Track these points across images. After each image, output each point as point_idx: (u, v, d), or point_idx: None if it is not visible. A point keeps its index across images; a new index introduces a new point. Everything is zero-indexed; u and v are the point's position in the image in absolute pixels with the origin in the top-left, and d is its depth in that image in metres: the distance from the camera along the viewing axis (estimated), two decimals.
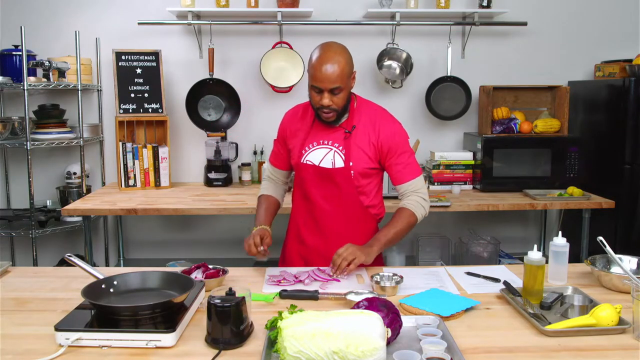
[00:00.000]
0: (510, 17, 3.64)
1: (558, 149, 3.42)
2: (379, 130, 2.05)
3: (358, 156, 2.02)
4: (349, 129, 2.04)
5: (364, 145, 2.03)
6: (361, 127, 2.05)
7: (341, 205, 2.07)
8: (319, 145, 2.06)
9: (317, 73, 1.91)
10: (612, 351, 1.37)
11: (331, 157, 2.03)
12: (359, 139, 2.04)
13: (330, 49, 1.96)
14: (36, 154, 3.64)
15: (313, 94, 1.97)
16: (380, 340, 1.25)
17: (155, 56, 3.51)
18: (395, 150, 2.05)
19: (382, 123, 2.07)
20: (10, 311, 1.63)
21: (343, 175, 2.02)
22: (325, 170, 2.03)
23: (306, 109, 2.16)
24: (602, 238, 1.64)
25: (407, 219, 2.05)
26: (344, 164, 2.02)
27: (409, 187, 2.07)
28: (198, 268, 1.88)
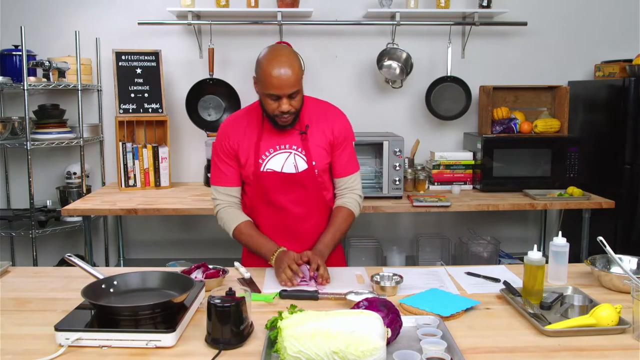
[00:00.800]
0: (510, 17, 3.64)
1: (558, 149, 3.42)
2: (332, 124, 2.05)
3: (317, 154, 2.01)
4: (302, 129, 2.00)
5: (321, 142, 2.02)
6: (314, 125, 2.03)
7: (309, 205, 2.06)
8: (276, 152, 1.99)
9: (274, 80, 1.83)
10: (612, 351, 1.37)
11: (292, 161, 1.99)
12: (315, 137, 2.02)
13: (281, 53, 1.88)
14: (36, 154, 3.64)
15: (269, 101, 1.89)
16: (380, 340, 1.25)
17: (155, 56, 3.51)
18: (343, 143, 2.07)
19: (334, 117, 2.07)
20: (10, 311, 1.63)
21: (308, 176, 2.01)
22: (290, 176, 1.99)
23: (248, 116, 2.05)
24: (602, 238, 1.64)
25: (349, 219, 2.08)
26: (307, 165, 2.00)
27: (348, 181, 2.10)
28: (198, 268, 1.87)
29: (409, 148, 3.64)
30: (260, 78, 1.89)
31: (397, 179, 3.18)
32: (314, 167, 2.00)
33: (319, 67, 3.72)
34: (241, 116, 2.07)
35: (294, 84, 1.86)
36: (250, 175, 2.02)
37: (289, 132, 2.00)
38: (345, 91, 3.76)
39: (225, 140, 2.03)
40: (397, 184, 3.18)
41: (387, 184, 3.19)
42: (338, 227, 2.05)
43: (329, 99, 3.88)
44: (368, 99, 3.78)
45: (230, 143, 2.03)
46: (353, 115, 3.73)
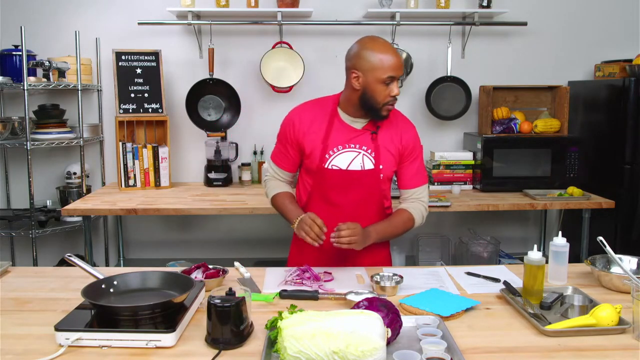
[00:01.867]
0: (510, 17, 3.64)
1: (558, 149, 3.42)
2: (402, 131, 2.03)
3: (386, 158, 1.99)
4: (373, 129, 1.99)
5: (390, 147, 2.00)
6: (384, 129, 2.01)
7: (366, 208, 2.03)
8: (345, 149, 1.98)
9: (391, 63, 1.87)
10: (612, 351, 1.37)
11: (360, 161, 1.97)
12: (384, 141, 2.00)
13: (383, 40, 1.95)
14: (36, 154, 3.64)
15: (381, 88, 1.88)
16: (380, 340, 1.25)
17: (155, 56, 3.51)
18: (412, 153, 2.05)
19: (404, 125, 2.05)
20: (10, 311, 1.63)
21: (372, 178, 1.99)
22: (354, 174, 1.97)
23: (319, 109, 2.04)
24: (602, 238, 1.64)
25: (406, 223, 2.05)
26: (373, 166, 1.98)
27: (415, 192, 2.07)
28: (198, 268, 1.87)
29: None
30: (373, 65, 1.89)
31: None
32: (380, 171, 1.98)
33: (319, 67, 3.72)
34: (311, 107, 2.06)
35: (402, 67, 1.91)
36: (313, 169, 2.01)
37: (360, 132, 1.99)
38: None
39: (290, 127, 2.04)
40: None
41: None
42: (394, 223, 2.02)
43: None
44: None
45: (294, 131, 2.03)
46: None
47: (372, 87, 1.90)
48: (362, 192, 2.00)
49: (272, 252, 3.81)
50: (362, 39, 1.98)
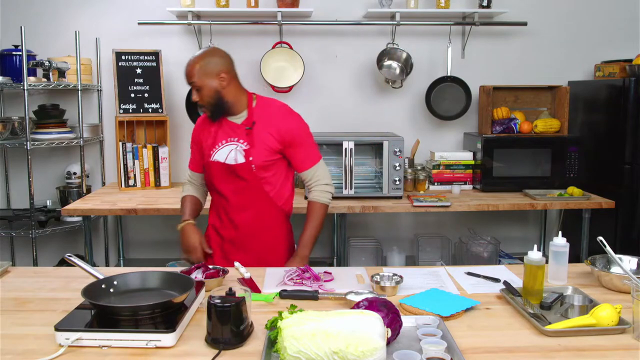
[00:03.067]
0: (510, 17, 3.64)
1: (558, 149, 3.42)
2: (279, 124, 2.19)
3: (258, 151, 2.16)
4: (249, 125, 2.18)
5: (266, 139, 2.17)
6: (261, 123, 2.19)
7: (249, 197, 2.21)
8: (225, 143, 2.20)
9: (185, 68, 2.16)
10: (612, 351, 1.37)
11: (234, 154, 2.17)
12: (260, 135, 2.18)
13: (202, 51, 2.19)
14: (36, 154, 3.64)
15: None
16: (380, 340, 1.25)
17: (155, 56, 3.51)
18: (295, 141, 2.21)
19: (282, 118, 2.22)
20: (10, 311, 1.63)
21: (245, 169, 2.17)
22: (230, 167, 2.18)
23: None
24: (602, 238, 1.64)
25: (322, 212, 2.28)
26: (244, 160, 2.16)
27: (310, 174, 2.26)
28: (198, 268, 1.88)
29: (409, 148, 3.65)
30: None
31: (397, 179, 3.18)
32: (250, 162, 2.16)
33: (319, 67, 3.72)
34: None
35: (192, 75, 2.13)
36: (204, 164, 2.28)
37: (239, 127, 2.20)
38: (345, 91, 3.76)
39: (195, 131, 2.35)
40: (397, 184, 3.18)
41: (387, 184, 3.19)
42: (314, 224, 2.27)
43: (329, 99, 3.91)
44: (368, 99, 3.78)
45: (197, 134, 2.32)
46: (353, 115, 3.78)
47: None
48: (240, 183, 2.19)
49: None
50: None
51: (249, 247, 2.26)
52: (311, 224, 2.27)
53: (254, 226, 2.24)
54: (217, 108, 2.18)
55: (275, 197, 2.24)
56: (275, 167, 2.22)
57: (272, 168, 2.21)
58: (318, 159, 2.28)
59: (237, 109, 2.20)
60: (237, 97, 2.19)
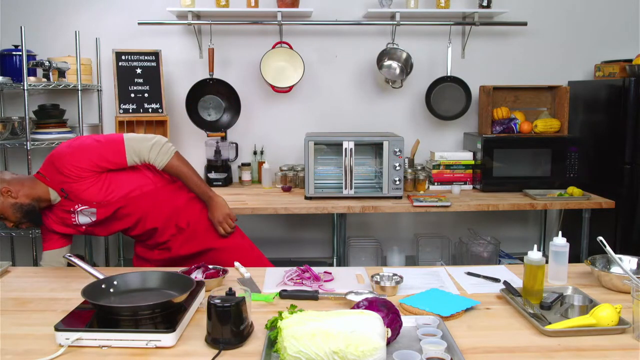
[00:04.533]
0: (510, 17, 3.64)
1: (558, 149, 3.42)
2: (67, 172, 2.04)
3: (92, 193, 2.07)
4: (64, 195, 2.08)
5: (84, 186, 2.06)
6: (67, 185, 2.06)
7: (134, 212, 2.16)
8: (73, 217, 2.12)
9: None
10: (612, 351, 1.38)
11: (87, 212, 2.11)
12: (74, 191, 2.06)
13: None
14: (36, 154, 3.64)
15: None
16: (380, 340, 1.26)
17: (155, 56, 3.51)
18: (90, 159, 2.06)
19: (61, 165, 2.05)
20: (11, 311, 1.63)
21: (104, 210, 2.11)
22: (98, 221, 2.13)
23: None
24: (602, 238, 1.64)
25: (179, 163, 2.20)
26: (95, 208, 2.09)
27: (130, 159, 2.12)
28: (198, 268, 1.88)
29: (409, 148, 3.65)
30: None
31: (397, 179, 3.18)
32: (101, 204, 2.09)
33: (319, 67, 3.72)
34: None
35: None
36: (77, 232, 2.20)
37: (61, 202, 2.10)
38: (345, 91, 3.76)
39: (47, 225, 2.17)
40: (397, 184, 3.18)
41: (387, 184, 3.19)
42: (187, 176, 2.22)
43: (329, 99, 3.91)
44: (368, 99, 3.78)
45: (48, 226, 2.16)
46: (353, 115, 3.78)
47: None
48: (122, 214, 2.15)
49: (272, 252, 3.80)
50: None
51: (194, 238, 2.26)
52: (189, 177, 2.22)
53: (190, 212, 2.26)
54: (32, 215, 2.06)
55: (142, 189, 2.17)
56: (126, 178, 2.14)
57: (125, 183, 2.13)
58: (119, 142, 2.11)
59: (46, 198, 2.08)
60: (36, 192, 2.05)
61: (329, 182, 3.33)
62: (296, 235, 3.87)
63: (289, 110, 3.72)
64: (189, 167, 2.24)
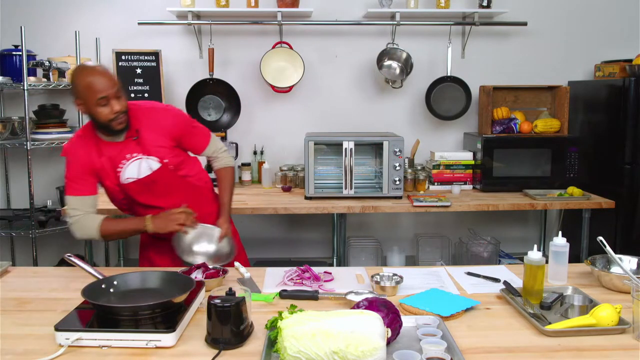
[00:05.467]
0: (510, 17, 3.64)
1: (558, 149, 3.42)
2: (161, 123, 2.14)
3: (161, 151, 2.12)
4: (134, 135, 2.09)
5: (159, 141, 2.12)
6: (144, 129, 2.10)
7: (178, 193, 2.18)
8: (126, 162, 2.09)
9: (98, 85, 1.93)
10: (612, 351, 1.37)
11: (145, 165, 2.10)
12: (150, 139, 2.10)
13: (90, 65, 2.03)
14: (36, 154, 3.64)
15: (100, 109, 1.96)
16: (380, 340, 1.25)
17: (155, 56, 3.51)
18: (184, 130, 2.20)
19: (158, 114, 2.16)
20: (10, 311, 1.63)
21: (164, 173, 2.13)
22: (148, 177, 2.11)
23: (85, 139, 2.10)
24: (602, 238, 1.64)
25: (231, 175, 2.35)
26: (160, 164, 2.11)
27: (208, 150, 2.31)
28: (198, 268, 1.88)
29: (409, 148, 3.65)
30: (82, 92, 1.96)
31: (397, 179, 3.18)
32: (167, 164, 2.13)
33: (319, 67, 3.72)
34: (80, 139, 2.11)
35: (114, 83, 1.97)
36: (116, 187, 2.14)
37: (125, 144, 2.08)
38: (345, 91, 3.76)
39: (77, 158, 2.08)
40: (397, 184, 3.18)
41: (387, 184, 3.19)
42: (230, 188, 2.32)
43: (329, 99, 3.91)
44: (368, 99, 3.78)
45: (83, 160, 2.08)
46: (353, 115, 3.78)
47: (93, 111, 1.99)
48: (164, 186, 2.15)
49: (272, 252, 3.81)
50: (73, 71, 2.04)
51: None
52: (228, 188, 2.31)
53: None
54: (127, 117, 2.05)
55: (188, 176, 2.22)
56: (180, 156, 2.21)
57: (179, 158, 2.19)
58: (208, 134, 2.30)
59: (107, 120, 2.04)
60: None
61: (329, 182, 3.33)
62: (296, 235, 3.87)
63: (289, 110, 3.72)
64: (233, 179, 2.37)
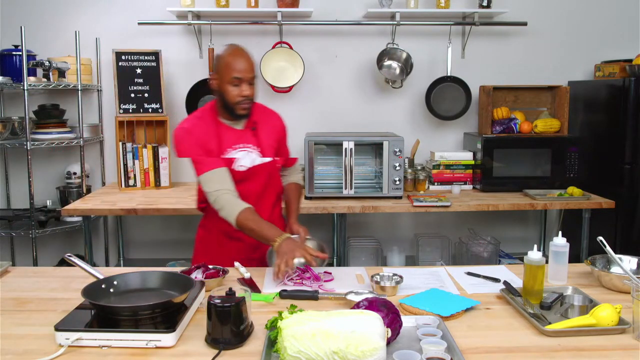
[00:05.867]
0: (510, 17, 3.64)
1: (558, 149, 3.42)
2: (274, 122, 2.26)
3: (270, 149, 2.19)
4: (252, 126, 2.17)
5: (270, 140, 2.20)
6: (261, 124, 2.19)
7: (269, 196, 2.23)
8: (236, 150, 2.12)
9: (238, 66, 2.03)
10: (612, 351, 1.38)
11: (254, 157, 2.15)
12: (264, 135, 2.19)
13: (238, 47, 2.10)
14: (36, 154, 3.64)
15: (231, 88, 2.04)
16: (380, 340, 1.25)
17: (155, 56, 3.51)
18: (284, 138, 2.32)
19: (273, 116, 2.28)
20: (10, 311, 1.63)
21: (269, 169, 2.19)
22: (253, 170, 2.14)
23: (203, 120, 2.13)
24: (602, 238, 1.64)
25: (301, 192, 2.41)
26: (268, 159, 2.17)
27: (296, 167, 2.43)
28: (198, 268, 1.88)
29: (409, 148, 3.64)
30: (222, 68, 2.05)
31: (397, 179, 3.18)
32: (275, 162, 2.22)
33: (319, 67, 3.72)
34: (198, 119, 2.15)
35: (253, 69, 2.06)
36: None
37: (243, 132, 2.15)
38: (345, 91, 3.76)
39: (197, 139, 2.09)
40: (397, 184, 3.18)
41: (387, 184, 3.19)
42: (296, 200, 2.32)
43: (329, 99, 3.91)
44: (368, 99, 3.78)
45: (202, 141, 2.09)
46: (353, 115, 3.78)
47: (223, 88, 2.06)
48: (263, 182, 2.19)
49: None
50: (223, 49, 2.12)
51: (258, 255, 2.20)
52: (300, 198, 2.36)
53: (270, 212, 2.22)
54: (252, 106, 2.11)
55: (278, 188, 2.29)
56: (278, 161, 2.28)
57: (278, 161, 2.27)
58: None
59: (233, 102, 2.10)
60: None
61: (329, 182, 3.33)
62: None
63: (289, 110, 3.71)
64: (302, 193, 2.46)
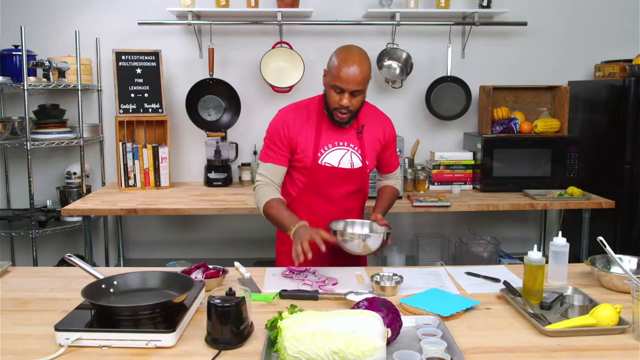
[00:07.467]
0: (510, 17, 3.64)
1: (558, 149, 3.42)
2: (384, 127, 2.19)
3: (370, 155, 2.15)
4: (358, 128, 2.12)
5: (374, 144, 2.16)
6: (369, 126, 2.15)
7: (354, 198, 2.18)
8: (334, 147, 2.09)
9: (342, 74, 1.95)
10: (612, 351, 1.38)
11: (349, 158, 2.10)
12: (369, 138, 2.14)
13: (356, 52, 2.01)
14: (36, 154, 3.64)
15: (332, 93, 2.00)
16: (380, 340, 1.25)
17: (155, 56, 3.51)
18: (392, 145, 2.26)
19: (384, 121, 2.23)
20: (10, 311, 1.63)
21: (361, 173, 2.13)
22: (345, 171, 2.10)
23: (308, 109, 2.14)
24: (602, 238, 1.64)
25: (395, 196, 2.29)
26: (361, 164, 2.12)
27: (395, 173, 2.34)
28: (198, 268, 1.88)
29: (409, 148, 3.64)
30: (331, 70, 2.01)
31: None
32: (366, 167, 2.14)
33: (319, 67, 3.70)
34: (302, 108, 2.15)
35: (359, 82, 1.97)
36: (307, 166, 2.09)
37: (347, 130, 2.11)
38: None
39: (284, 128, 2.09)
40: None
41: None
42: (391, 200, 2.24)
43: None
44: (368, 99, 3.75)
45: (289, 132, 2.08)
46: None
47: (327, 89, 2.05)
48: (350, 186, 2.14)
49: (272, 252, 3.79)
50: (343, 46, 2.07)
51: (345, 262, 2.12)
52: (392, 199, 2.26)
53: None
54: (356, 113, 2.07)
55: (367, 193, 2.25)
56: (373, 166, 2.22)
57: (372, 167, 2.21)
58: (399, 162, 2.34)
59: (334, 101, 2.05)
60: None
61: None
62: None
63: None
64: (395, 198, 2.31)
